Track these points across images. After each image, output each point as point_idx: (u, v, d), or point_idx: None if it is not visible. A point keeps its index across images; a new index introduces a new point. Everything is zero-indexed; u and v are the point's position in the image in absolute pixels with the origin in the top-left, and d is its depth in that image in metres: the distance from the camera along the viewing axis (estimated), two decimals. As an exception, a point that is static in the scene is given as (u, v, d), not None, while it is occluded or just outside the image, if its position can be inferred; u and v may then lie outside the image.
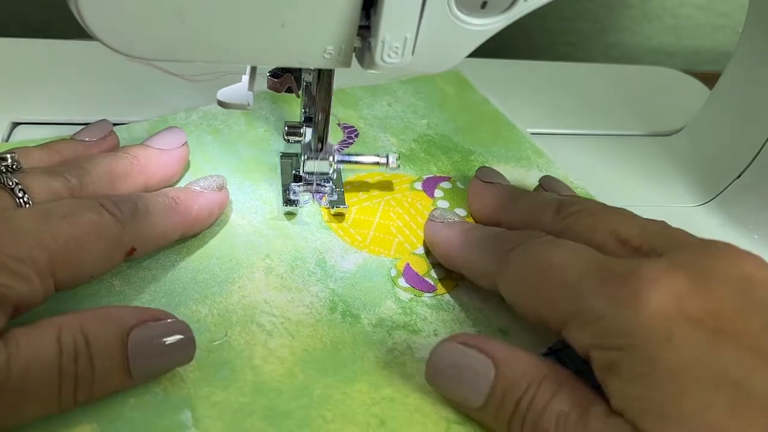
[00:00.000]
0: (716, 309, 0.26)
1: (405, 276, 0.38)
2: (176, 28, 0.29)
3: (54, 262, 0.30)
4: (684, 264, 0.28)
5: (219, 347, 0.33)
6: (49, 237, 0.30)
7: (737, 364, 0.25)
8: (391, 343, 0.34)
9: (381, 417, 0.30)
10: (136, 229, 0.33)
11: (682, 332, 0.26)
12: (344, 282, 0.37)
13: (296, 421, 0.30)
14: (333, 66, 0.31)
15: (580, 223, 0.33)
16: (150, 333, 0.29)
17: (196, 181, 0.38)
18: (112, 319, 0.29)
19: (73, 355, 0.27)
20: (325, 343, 0.33)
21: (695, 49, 0.78)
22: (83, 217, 0.31)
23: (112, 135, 0.41)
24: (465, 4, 0.30)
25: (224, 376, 0.31)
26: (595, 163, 0.51)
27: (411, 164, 0.46)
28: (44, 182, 0.34)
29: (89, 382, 0.28)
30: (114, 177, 0.37)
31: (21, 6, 0.64)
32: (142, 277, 0.36)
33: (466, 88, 0.53)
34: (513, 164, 0.46)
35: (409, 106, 0.51)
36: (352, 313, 0.35)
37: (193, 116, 0.47)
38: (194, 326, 0.32)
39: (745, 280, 0.27)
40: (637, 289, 0.27)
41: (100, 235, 0.32)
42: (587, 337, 0.28)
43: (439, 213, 0.39)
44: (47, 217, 0.31)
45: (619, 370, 0.26)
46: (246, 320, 0.34)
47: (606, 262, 0.29)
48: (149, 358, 0.29)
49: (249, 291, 0.36)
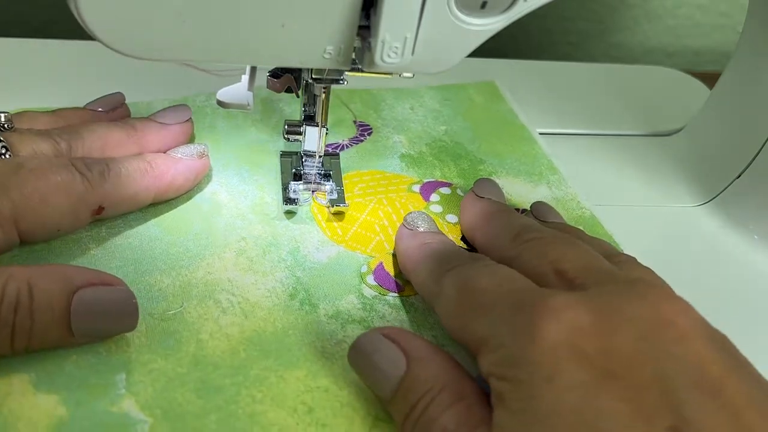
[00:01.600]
0: (611, 349, 0.25)
1: (375, 274, 0.38)
2: (176, 28, 0.29)
3: (17, 213, 0.32)
4: (596, 299, 0.26)
5: (171, 317, 0.34)
6: (15, 188, 0.32)
7: (611, 416, 0.23)
8: (341, 335, 0.34)
9: (310, 405, 0.31)
10: (104, 189, 0.35)
11: (567, 372, 0.24)
12: (312, 272, 0.37)
13: (225, 396, 0.31)
14: (333, 66, 0.31)
15: (530, 251, 0.32)
16: (95, 295, 0.30)
17: (178, 149, 0.39)
18: (62, 276, 0.30)
19: (14, 304, 0.28)
20: (276, 327, 0.34)
21: (695, 49, 0.78)
22: (51, 172, 0.33)
23: (124, 107, 0.42)
24: (465, 4, 0.30)
25: (168, 346, 0.32)
26: (595, 163, 0.51)
27: (416, 167, 0.45)
28: (31, 143, 0.35)
29: (27, 332, 0.29)
30: (106, 145, 0.38)
31: (21, 6, 0.64)
32: (118, 244, 0.37)
33: (496, 99, 0.53)
34: (523, 178, 0.46)
35: (431, 111, 0.50)
36: (311, 302, 0.35)
37: (212, 100, 0.47)
38: (154, 295, 0.34)
39: (657, 325, 0.26)
40: (536, 319, 0.26)
41: (66, 191, 0.33)
42: (487, 363, 0.27)
43: (412, 218, 0.38)
44: (16, 170, 0.32)
45: (505, 401, 0.26)
46: (205, 295, 0.35)
47: (524, 292, 0.28)
48: (91, 319, 0.30)
49: (216, 269, 0.36)
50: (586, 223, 0.42)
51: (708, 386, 0.24)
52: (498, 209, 0.39)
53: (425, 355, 0.30)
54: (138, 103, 0.46)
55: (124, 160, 0.36)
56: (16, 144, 0.35)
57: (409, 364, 0.29)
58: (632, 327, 0.25)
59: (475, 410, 0.27)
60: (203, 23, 0.29)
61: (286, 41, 0.30)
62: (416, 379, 0.29)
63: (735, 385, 0.24)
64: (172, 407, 0.29)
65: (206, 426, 0.29)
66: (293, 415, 0.30)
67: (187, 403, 0.30)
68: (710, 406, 0.24)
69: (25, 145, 0.35)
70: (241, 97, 0.35)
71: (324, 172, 0.41)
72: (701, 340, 0.25)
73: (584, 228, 0.41)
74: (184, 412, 0.30)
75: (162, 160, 0.38)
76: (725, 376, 0.24)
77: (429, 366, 0.29)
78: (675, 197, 0.49)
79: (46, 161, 0.34)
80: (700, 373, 0.24)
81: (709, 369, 0.24)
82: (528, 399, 0.25)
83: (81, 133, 0.37)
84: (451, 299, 0.31)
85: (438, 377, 0.29)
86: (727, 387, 0.24)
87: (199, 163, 0.39)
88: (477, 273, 0.31)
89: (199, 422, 0.29)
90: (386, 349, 0.30)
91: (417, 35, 0.30)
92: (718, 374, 0.24)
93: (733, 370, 0.25)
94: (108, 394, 0.30)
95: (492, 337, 0.27)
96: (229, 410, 0.30)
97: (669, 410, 0.23)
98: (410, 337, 0.30)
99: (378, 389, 0.30)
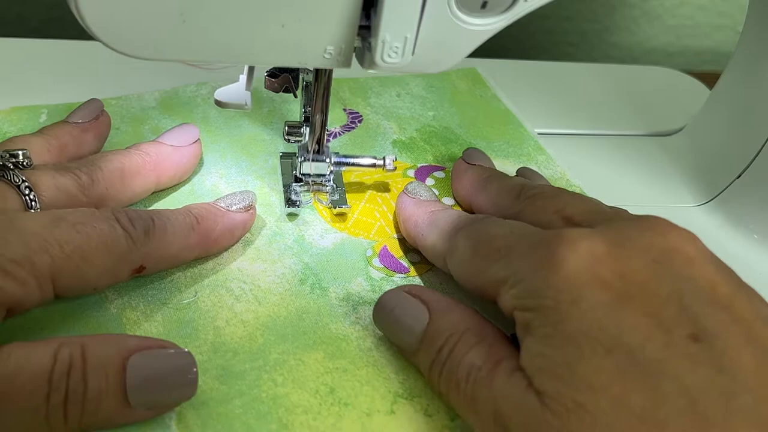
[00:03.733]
0: (628, 273, 0.27)
1: (380, 257, 0.38)
2: (176, 28, 0.29)
3: (56, 270, 0.29)
4: (609, 232, 0.28)
5: (186, 306, 0.34)
6: (55, 243, 0.30)
7: (633, 330, 0.25)
8: (354, 317, 0.35)
9: (331, 385, 0.31)
10: (148, 247, 0.32)
11: (589, 295, 0.26)
12: (319, 257, 0.38)
13: (247, 382, 0.31)
14: (333, 66, 0.31)
15: (533, 205, 0.34)
16: (152, 360, 0.28)
17: (224, 198, 0.37)
18: (115, 341, 0.28)
19: (67, 368, 0.27)
20: (290, 312, 0.34)
21: (695, 49, 0.78)
22: (94, 228, 0.31)
23: (104, 115, 0.41)
24: (465, 4, 0.30)
25: (186, 334, 0.33)
26: (595, 163, 0.51)
27: (408, 152, 0.46)
28: (52, 179, 0.34)
29: (80, 399, 0.27)
30: (125, 174, 0.37)
31: (21, 6, 0.64)
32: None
33: (479, 84, 0.54)
34: (512, 159, 0.47)
35: (418, 98, 0.51)
36: (321, 286, 0.36)
37: (202, 90, 0.48)
38: (166, 285, 0.34)
39: (667, 251, 0.27)
40: (555, 251, 0.28)
41: (109, 250, 0.31)
42: (510, 299, 0.29)
43: (413, 187, 0.39)
44: (57, 223, 0.30)
45: (532, 329, 0.27)
46: (217, 285, 0.35)
47: (538, 233, 0.30)
48: (148, 383, 0.28)
49: (224, 259, 0.37)
50: None
51: (720, 302, 0.26)
52: (492, 173, 0.40)
53: (446, 306, 0.31)
54: (129, 96, 0.46)
55: (169, 214, 0.34)
56: (38, 183, 0.33)
57: (431, 315, 0.31)
58: (644, 253, 0.27)
59: (498, 348, 0.29)
60: (203, 23, 0.29)
61: (286, 41, 0.30)
62: (439, 327, 0.30)
63: (744, 302, 0.26)
64: (196, 395, 0.29)
65: (231, 411, 0.30)
66: (316, 396, 0.31)
67: (210, 390, 0.30)
68: (724, 317, 0.26)
69: (47, 182, 0.33)
70: (239, 97, 0.35)
71: None
72: (709, 264, 0.27)
73: None
74: (208, 399, 0.30)
75: (207, 214, 0.35)
76: (734, 295, 0.26)
77: (451, 315, 0.31)
78: (675, 197, 0.49)
79: (90, 214, 0.31)
80: (711, 291, 0.26)
81: (719, 288, 0.26)
82: (555, 323, 0.26)
83: (98, 164, 0.36)
84: (465, 252, 0.32)
85: (460, 323, 0.30)
86: (736, 304, 0.26)
87: (246, 216, 0.37)
88: (488, 226, 0.32)
89: (223, 408, 0.30)
90: (409, 303, 0.32)
91: (417, 35, 0.30)
92: (727, 293, 0.26)
93: (741, 290, 0.27)
94: None
95: (512, 275, 0.29)
96: (252, 395, 0.30)
97: (687, 322, 0.25)
98: (429, 291, 0.32)
99: (403, 343, 0.32)
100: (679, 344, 0.25)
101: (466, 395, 0.28)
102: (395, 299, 0.32)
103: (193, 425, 0.29)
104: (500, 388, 0.27)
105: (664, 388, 0.24)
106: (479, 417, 0.28)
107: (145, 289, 0.34)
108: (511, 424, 0.26)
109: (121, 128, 0.44)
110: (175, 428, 0.29)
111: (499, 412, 0.27)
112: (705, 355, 0.24)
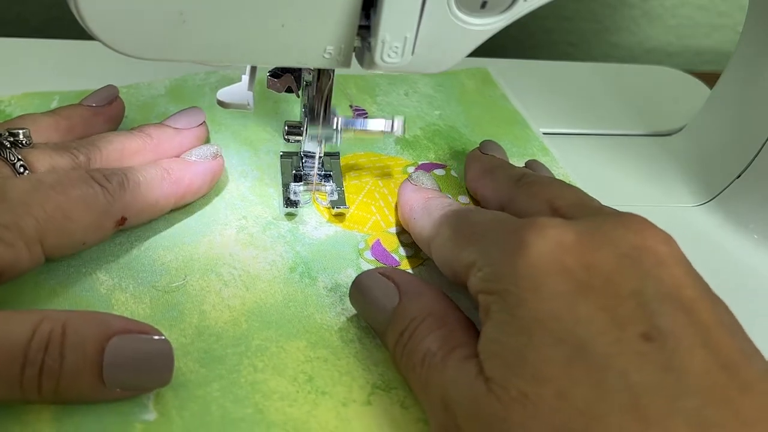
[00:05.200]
0: (593, 264, 0.26)
1: (372, 250, 0.39)
2: (177, 28, 0.29)
3: (41, 230, 0.31)
4: (583, 223, 0.28)
5: (175, 290, 0.34)
6: (37, 205, 0.31)
7: (588, 322, 0.25)
8: (340, 308, 0.35)
9: (310, 374, 0.32)
10: (125, 200, 0.34)
11: (551, 283, 0.26)
12: (311, 247, 0.38)
13: (227, 366, 0.31)
14: (333, 66, 0.31)
15: (527, 192, 0.34)
16: (132, 343, 0.28)
17: (191, 151, 0.39)
18: (98, 320, 0.29)
19: (45, 343, 0.27)
20: (277, 299, 0.35)
21: (695, 49, 0.78)
22: (72, 187, 0.33)
23: (118, 100, 0.42)
24: (465, 4, 0.30)
25: (172, 317, 0.33)
26: (595, 163, 0.51)
27: (411, 149, 0.46)
28: (49, 158, 0.35)
29: (55, 374, 0.27)
30: (124, 155, 0.38)
31: (21, 6, 0.64)
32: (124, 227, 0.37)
33: (489, 84, 0.54)
34: (515, 159, 0.47)
35: (425, 97, 0.51)
36: (310, 275, 0.36)
37: (211, 78, 0.49)
38: (157, 269, 0.35)
39: (639, 248, 0.27)
40: (524, 237, 0.28)
41: (88, 205, 0.33)
42: (476, 281, 0.29)
43: (417, 176, 0.39)
44: (37, 187, 0.32)
45: (491, 314, 0.27)
46: (207, 269, 0.36)
47: (516, 221, 0.30)
48: (124, 367, 0.28)
49: (217, 244, 0.37)
50: None
51: (682, 304, 0.25)
52: (501, 163, 0.41)
53: (416, 289, 0.32)
54: (140, 84, 0.47)
55: (140, 168, 0.36)
56: (34, 161, 0.34)
57: (401, 296, 0.32)
58: (614, 247, 0.27)
59: (457, 335, 0.29)
60: (203, 23, 0.29)
61: (286, 41, 0.30)
62: (406, 309, 0.31)
63: (707, 307, 0.26)
64: (175, 376, 0.30)
65: (209, 394, 0.30)
66: (294, 383, 0.31)
67: (190, 372, 0.31)
68: (683, 319, 0.25)
69: (43, 161, 0.35)
70: (242, 97, 0.35)
71: (324, 173, 0.41)
72: (680, 266, 0.27)
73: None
74: (188, 381, 0.30)
75: (177, 165, 0.38)
76: (698, 299, 0.26)
77: (419, 299, 0.31)
78: (675, 197, 0.49)
79: (65, 175, 0.33)
80: (675, 292, 0.26)
81: (684, 291, 0.26)
82: (513, 308, 0.26)
83: (98, 144, 0.37)
84: (445, 236, 0.33)
85: (425, 308, 0.31)
86: (698, 307, 0.25)
87: (214, 164, 0.39)
88: (471, 213, 0.33)
89: (202, 390, 0.30)
90: (382, 284, 0.32)
91: (417, 35, 0.30)
92: (691, 296, 0.26)
93: (707, 296, 0.26)
94: None
95: (481, 258, 0.29)
96: (231, 379, 0.31)
97: (642, 319, 0.25)
98: (404, 275, 0.33)
99: (374, 322, 0.33)
100: (630, 341, 0.24)
101: (420, 379, 0.29)
102: (369, 279, 0.33)
103: (171, 406, 0.29)
104: (451, 374, 0.27)
105: (609, 384, 0.24)
106: (431, 402, 0.28)
107: (135, 271, 0.35)
108: (457, 409, 0.26)
109: (129, 116, 0.45)
110: (152, 408, 0.29)
111: (447, 397, 0.27)
112: (655, 354, 0.24)
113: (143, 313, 0.33)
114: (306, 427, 0.29)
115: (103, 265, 0.35)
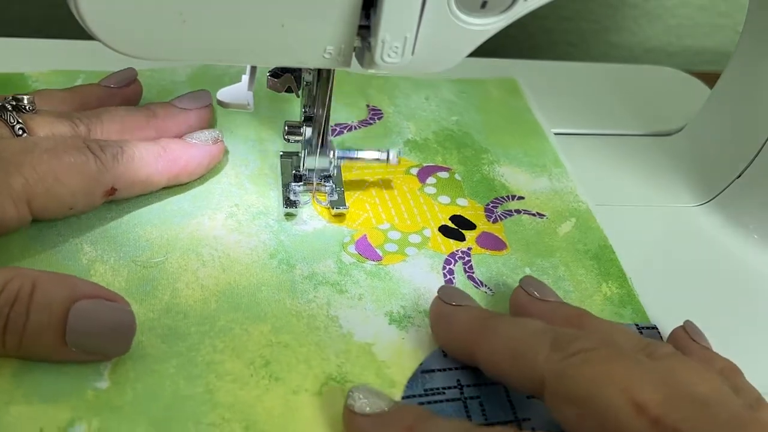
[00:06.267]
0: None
1: (356, 244, 0.39)
2: (176, 28, 0.29)
3: (30, 190, 0.32)
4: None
5: (153, 266, 0.35)
6: (29, 166, 0.32)
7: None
8: (312, 295, 0.35)
9: (268, 359, 0.32)
10: (117, 171, 0.35)
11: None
12: (296, 238, 0.38)
13: (188, 344, 0.32)
14: (333, 66, 0.32)
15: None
16: (95, 307, 0.29)
17: (193, 134, 0.40)
18: (68, 284, 0.30)
19: (12, 299, 0.28)
20: (250, 282, 0.35)
21: (695, 49, 0.78)
22: (65, 152, 0.33)
23: (136, 83, 0.43)
24: (465, 4, 0.30)
25: (145, 291, 0.34)
26: (595, 162, 0.51)
27: (418, 152, 0.46)
28: (49, 125, 0.35)
29: (20, 330, 0.28)
30: (125, 128, 0.38)
31: (21, 6, 0.64)
32: (117, 200, 0.37)
33: (515, 95, 0.53)
34: (524, 168, 0.46)
35: (446, 102, 0.51)
36: (289, 263, 0.37)
37: (232, 69, 0.49)
38: (141, 244, 0.35)
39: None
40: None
41: (79, 171, 0.33)
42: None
43: (446, 292, 0.34)
44: (31, 149, 0.33)
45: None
46: (189, 249, 0.36)
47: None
48: (86, 330, 0.29)
49: (204, 227, 0.38)
50: (580, 216, 0.43)
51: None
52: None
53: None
54: (164, 69, 0.47)
55: (138, 143, 0.37)
56: (35, 126, 0.35)
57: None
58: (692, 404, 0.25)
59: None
60: (203, 23, 0.29)
61: (286, 41, 0.30)
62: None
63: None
64: (137, 349, 0.31)
65: (165, 370, 0.31)
66: (249, 366, 0.31)
67: (150, 347, 0.31)
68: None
69: (44, 127, 0.35)
70: (242, 97, 0.35)
71: (324, 174, 0.41)
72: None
73: (577, 221, 0.42)
74: (147, 354, 0.31)
75: (176, 145, 0.38)
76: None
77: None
78: (675, 197, 0.49)
79: (61, 141, 0.34)
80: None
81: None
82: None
83: (100, 116, 0.38)
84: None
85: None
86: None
87: (214, 149, 0.40)
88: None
89: (159, 366, 0.31)
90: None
91: (417, 35, 0.30)
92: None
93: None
94: None
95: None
96: (189, 357, 0.31)
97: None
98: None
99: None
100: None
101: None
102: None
103: (126, 377, 0.30)
104: None
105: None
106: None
107: (119, 245, 0.36)
108: None
109: (147, 98, 0.45)
110: (107, 376, 0.30)
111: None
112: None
113: (118, 286, 0.34)
114: (251, 411, 0.30)
115: (89, 237, 0.36)
